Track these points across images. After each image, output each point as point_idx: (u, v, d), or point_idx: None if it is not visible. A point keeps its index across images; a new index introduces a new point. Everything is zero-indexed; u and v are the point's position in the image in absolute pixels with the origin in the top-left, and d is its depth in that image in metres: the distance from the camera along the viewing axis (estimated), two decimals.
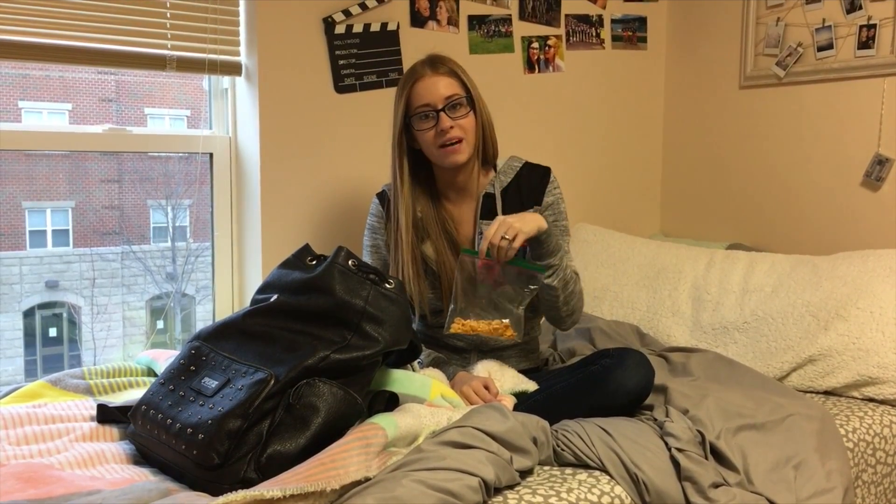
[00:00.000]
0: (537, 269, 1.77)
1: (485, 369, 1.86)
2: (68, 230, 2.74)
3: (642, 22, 3.02)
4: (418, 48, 2.02)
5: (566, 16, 2.84)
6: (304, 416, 1.40)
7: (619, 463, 1.53)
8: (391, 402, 1.61)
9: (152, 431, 1.46)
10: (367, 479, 1.32)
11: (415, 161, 1.93)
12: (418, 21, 2.53)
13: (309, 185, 2.39)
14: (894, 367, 2.00)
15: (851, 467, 1.78)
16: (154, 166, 2.75)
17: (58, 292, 2.72)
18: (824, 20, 2.56)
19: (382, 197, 2.02)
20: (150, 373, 1.97)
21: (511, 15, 2.72)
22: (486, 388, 1.76)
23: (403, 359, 1.72)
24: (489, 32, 2.68)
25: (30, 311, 2.69)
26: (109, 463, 1.48)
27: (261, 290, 1.68)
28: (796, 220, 2.70)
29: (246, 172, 2.38)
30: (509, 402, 1.73)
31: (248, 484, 1.32)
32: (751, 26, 2.77)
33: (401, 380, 1.67)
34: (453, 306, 1.78)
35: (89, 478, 1.38)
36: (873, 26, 2.43)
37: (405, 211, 1.91)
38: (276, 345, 1.51)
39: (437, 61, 1.89)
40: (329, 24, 2.37)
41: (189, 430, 1.39)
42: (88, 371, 1.90)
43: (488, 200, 1.95)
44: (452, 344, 1.98)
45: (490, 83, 1.95)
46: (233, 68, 2.31)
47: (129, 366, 1.99)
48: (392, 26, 2.47)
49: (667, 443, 1.60)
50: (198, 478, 1.38)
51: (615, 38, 2.97)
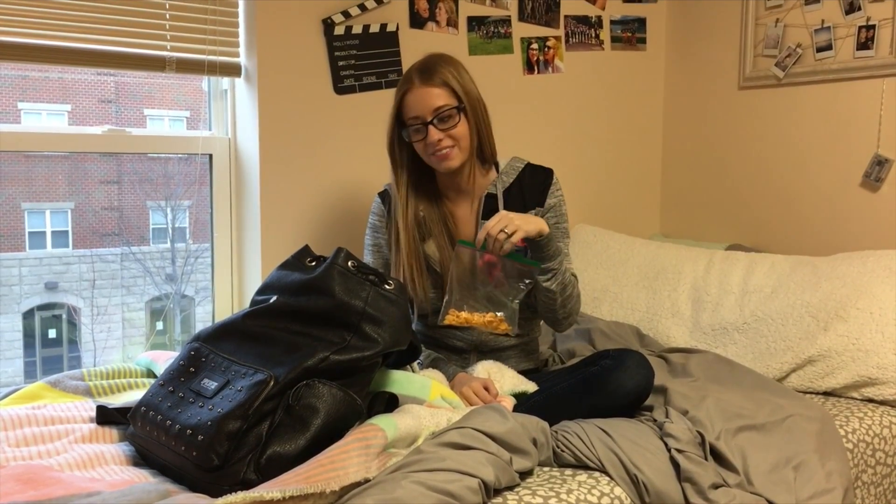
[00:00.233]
0: (533, 264, 1.78)
1: (484, 370, 1.86)
2: (68, 231, 2.74)
3: (641, 23, 3.02)
4: (418, 49, 2.02)
5: (565, 17, 2.84)
6: (304, 418, 1.40)
7: (618, 464, 1.53)
8: (391, 403, 1.61)
9: (152, 433, 1.46)
10: (367, 481, 1.32)
11: (416, 161, 1.93)
12: (417, 22, 2.53)
13: (308, 186, 2.40)
14: (894, 368, 2.00)
15: (851, 468, 1.78)
16: (153, 167, 2.75)
17: (57, 294, 2.72)
18: (823, 21, 2.56)
19: (385, 196, 2.02)
20: (150, 374, 1.96)
21: (510, 16, 2.72)
22: (486, 389, 1.76)
23: (403, 360, 1.72)
24: (488, 33, 2.68)
25: (29, 313, 2.69)
26: (109, 464, 1.48)
27: (260, 292, 1.67)
28: (796, 220, 2.70)
29: (245, 174, 2.38)
30: (509, 403, 1.73)
31: (247, 485, 1.32)
32: (750, 27, 2.77)
33: (400, 381, 1.67)
34: (448, 298, 1.78)
35: (89, 479, 1.38)
36: (872, 27, 2.43)
37: (403, 211, 1.92)
38: (276, 346, 1.51)
39: (427, 70, 1.85)
40: (328, 25, 2.37)
41: (188, 431, 1.39)
42: (88, 372, 1.90)
43: (490, 200, 1.95)
44: (452, 344, 1.98)
45: (489, 84, 1.95)
46: (232, 69, 2.31)
47: (129, 367, 1.99)
48: (391, 27, 2.47)
49: (666, 444, 1.61)
50: (197, 479, 1.38)
51: (614, 39, 2.98)
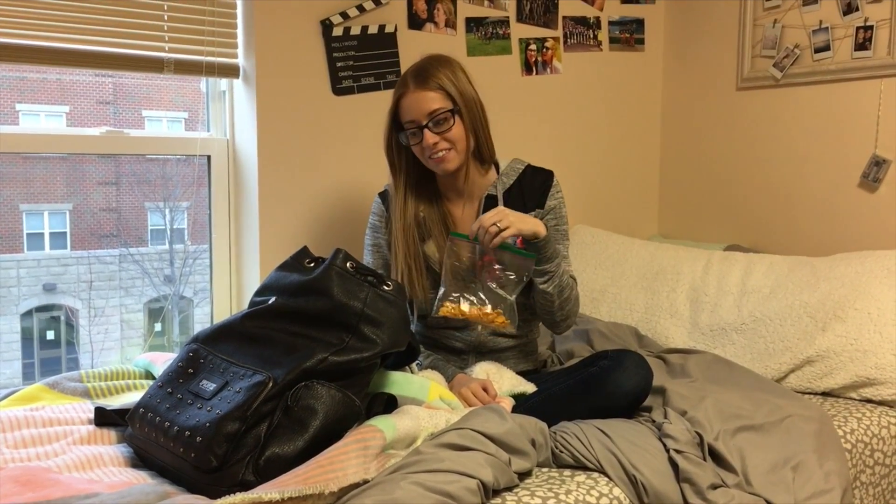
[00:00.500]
0: (528, 255, 1.78)
1: (483, 371, 1.86)
2: (66, 233, 2.74)
3: (640, 24, 3.03)
4: (416, 50, 2.02)
5: (564, 18, 2.84)
6: (303, 419, 1.40)
7: (617, 464, 1.53)
8: (389, 404, 1.61)
9: (150, 434, 1.46)
10: (366, 482, 1.32)
11: (416, 163, 1.93)
12: (416, 23, 2.53)
13: (307, 187, 2.39)
14: (892, 368, 2.00)
15: (850, 468, 1.78)
16: (152, 169, 2.75)
17: (55, 295, 2.72)
18: (821, 22, 2.56)
19: (385, 196, 2.02)
20: (148, 375, 1.96)
21: (509, 17, 2.72)
22: (485, 390, 1.76)
23: (402, 361, 1.72)
24: (487, 34, 2.68)
25: (27, 314, 2.69)
26: (107, 466, 1.48)
27: (259, 293, 1.67)
28: (794, 221, 2.70)
29: (244, 175, 2.38)
30: (508, 403, 1.73)
31: (246, 486, 1.32)
32: (748, 28, 2.77)
33: (399, 382, 1.67)
34: (443, 290, 1.78)
35: (87, 481, 1.38)
36: (870, 28, 2.43)
37: (401, 212, 1.93)
38: (275, 347, 1.51)
39: (422, 73, 1.85)
40: (326, 26, 2.37)
41: (187, 432, 1.39)
42: (86, 374, 1.90)
43: (491, 202, 1.95)
44: (451, 345, 1.98)
45: (488, 85, 1.95)
46: (230, 71, 2.31)
47: (127, 368, 1.99)
48: (390, 28, 2.47)
49: (665, 444, 1.60)
50: (196, 481, 1.38)
51: (612, 40, 2.98)
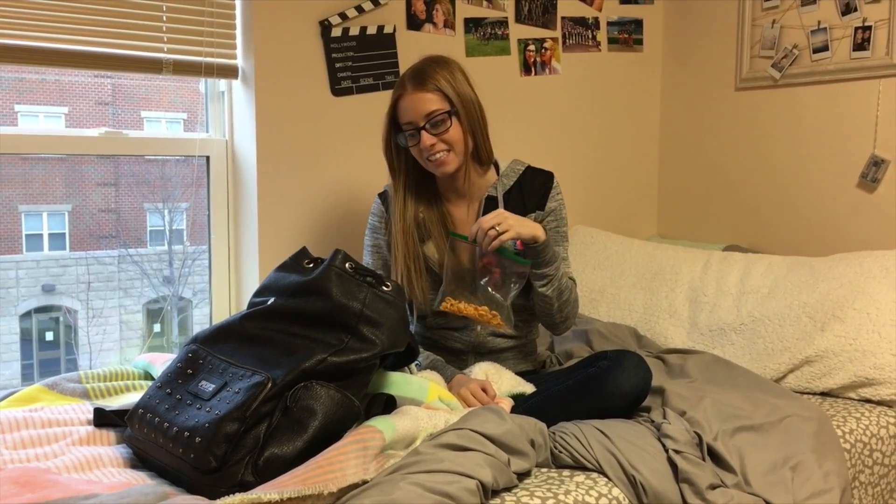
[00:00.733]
0: (524, 263, 1.79)
1: (482, 371, 1.86)
2: (65, 234, 2.74)
3: (638, 24, 3.03)
4: (415, 51, 2.02)
5: (562, 18, 2.85)
6: (302, 420, 1.40)
7: (616, 465, 1.53)
8: (389, 404, 1.61)
9: (149, 435, 1.46)
10: (365, 482, 1.32)
11: (415, 164, 1.93)
12: (414, 24, 2.53)
13: (305, 188, 2.39)
14: (891, 368, 2.00)
15: (848, 468, 1.79)
16: (151, 170, 2.75)
17: (54, 296, 2.72)
18: (819, 22, 2.56)
19: (384, 196, 2.02)
20: (147, 376, 1.96)
21: (507, 17, 2.72)
22: (484, 390, 1.76)
23: (401, 361, 1.72)
24: (485, 35, 2.68)
25: (26, 315, 2.69)
26: (106, 467, 1.48)
27: (258, 294, 1.67)
28: (793, 221, 2.70)
29: (243, 175, 2.38)
30: (507, 404, 1.73)
31: (245, 487, 1.32)
32: (746, 28, 2.77)
33: (398, 382, 1.67)
34: (444, 287, 1.81)
35: (86, 482, 1.38)
36: (868, 28, 2.44)
37: (400, 213, 1.93)
38: (274, 348, 1.51)
39: (420, 75, 1.85)
40: (325, 27, 2.37)
41: (186, 433, 1.39)
42: (85, 375, 1.90)
43: (491, 203, 1.96)
44: (450, 346, 1.98)
45: (486, 86, 1.95)
46: (229, 71, 2.31)
47: (126, 369, 1.99)
48: (388, 29, 2.47)
49: (664, 444, 1.61)
50: (195, 481, 1.38)
51: (611, 41, 2.98)
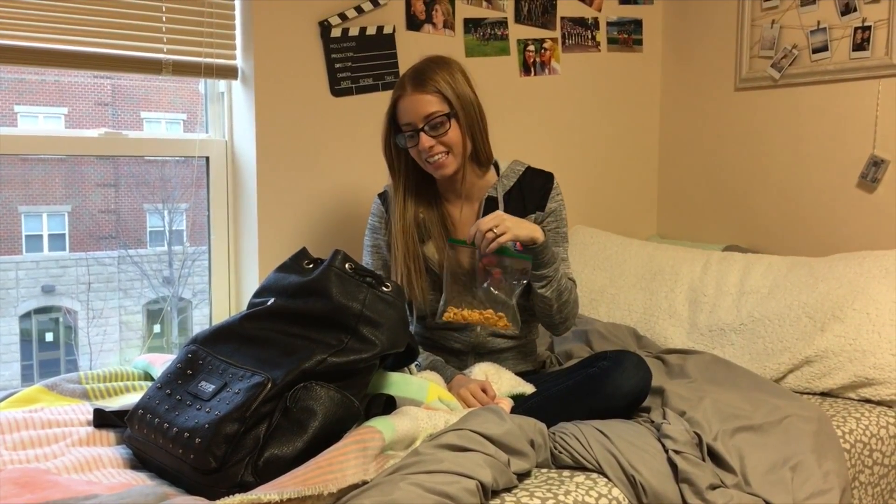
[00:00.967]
0: (525, 258, 1.78)
1: (482, 372, 1.86)
2: (64, 234, 2.74)
3: (638, 24, 3.03)
4: (414, 51, 2.02)
5: (562, 18, 2.85)
6: (302, 420, 1.40)
7: (616, 465, 1.53)
8: (388, 405, 1.61)
9: (149, 436, 1.46)
10: (365, 483, 1.32)
11: (415, 165, 1.93)
12: (414, 24, 2.53)
13: (305, 189, 2.40)
14: (890, 369, 2.00)
15: (848, 468, 1.79)
16: (150, 170, 2.75)
17: (54, 297, 2.72)
18: (819, 22, 2.56)
19: (384, 197, 2.02)
20: (147, 377, 1.96)
21: (507, 18, 2.72)
22: (484, 391, 1.76)
23: (401, 362, 1.72)
24: (485, 35, 2.69)
25: (26, 316, 2.68)
26: (106, 467, 1.48)
27: (257, 294, 1.67)
28: (792, 221, 2.70)
29: (242, 176, 2.38)
30: (507, 404, 1.73)
31: (245, 488, 1.32)
32: (746, 28, 2.77)
33: (398, 383, 1.67)
34: (445, 296, 1.80)
35: (86, 482, 1.38)
36: (868, 28, 2.44)
37: (400, 213, 1.93)
38: (273, 348, 1.51)
39: (420, 76, 1.84)
40: (325, 27, 2.37)
41: (186, 434, 1.39)
42: (85, 375, 1.90)
43: (491, 204, 1.96)
44: (450, 346, 1.98)
45: (486, 86, 1.95)
46: (229, 72, 2.31)
47: (126, 370, 1.99)
48: (388, 30, 2.47)
49: (664, 445, 1.61)
50: (195, 482, 1.38)
51: (611, 41, 2.98)
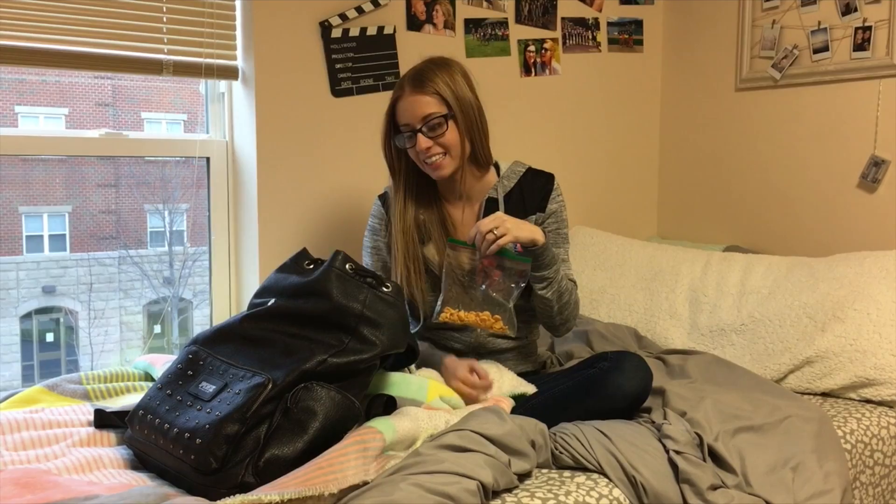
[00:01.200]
0: (524, 260, 1.78)
1: (483, 371, 1.85)
2: (65, 235, 2.74)
3: (638, 25, 3.03)
4: (415, 52, 2.02)
5: (562, 19, 2.85)
6: (302, 421, 1.40)
7: (617, 466, 1.53)
8: (389, 405, 1.61)
9: (150, 436, 1.46)
10: (365, 483, 1.32)
11: (415, 165, 1.93)
12: (415, 25, 2.53)
13: (306, 189, 2.40)
14: (891, 369, 2.00)
15: (849, 469, 1.78)
16: (151, 171, 2.75)
17: (55, 297, 2.72)
18: (820, 22, 2.56)
19: (384, 198, 2.02)
20: (148, 377, 1.96)
21: (507, 18, 2.72)
22: (473, 370, 1.78)
23: (401, 362, 1.72)
24: (486, 36, 2.69)
25: (27, 317, 2.69)
26: (107, 468, 1.48)
27: (258, 295, 1.67)
28: (793, 222, 2.70)
29: (243, 176, 2.38)
30: (507, 404, 1.73)
31: (245, 488, 1.32)
32: (746, 29, 2.77)
33: (398, 383, 1.67)
34: (442, 296, 1.79)
35: (87, 483, 1.38)
36: (868, 28, 2.44)
37: (400, 214, 1.93)
38: (274, 349, 1.51)
39: (419, 77, 1.84)
40: (325, 27, 2.37)
41: (187, 434, 1.39)
42: (86, 376, 1.90)
43: (491, 204, 1.96)
44: (450, 346, 1.98)
45: (486, 86, 1.95)
46: (229, 72, 2.31)
47: (127, 371, 1.99)
48: (388, 30, 2.47)
49: (665, 445, 1.60)
50: (195, 482, 1.38)
51: (611, 41, 2.98)
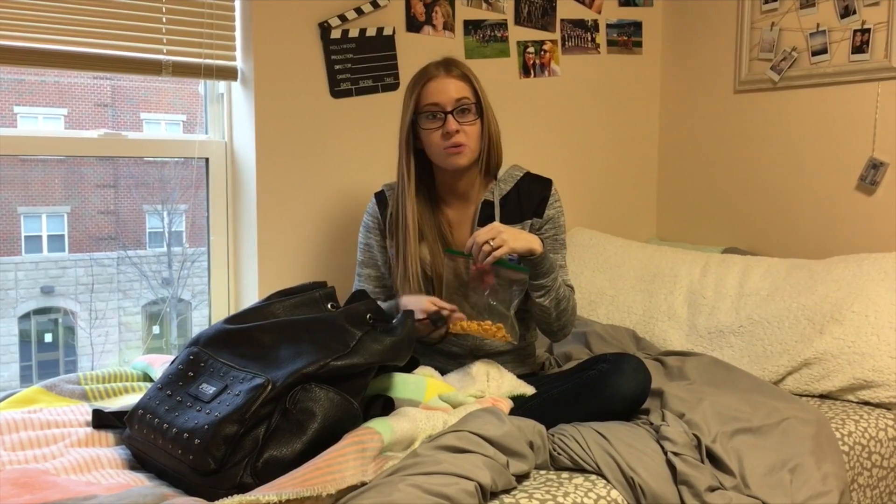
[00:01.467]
0: (522, 270, 1.78)
1: (482, 370, 1.85)
2: (64, 235, 2.74)
3: (637, 26, 3.03)
4: (414, 53, 2.03)
5: (561, 20, 2.85)
6: (301, 422, 1.40)
7: (615, 467, 1.53)
8: (387, 406, 1.61)
9: (149, 436, 1.46)
10: (363, 484, 1.32)
11: (418, 163, 1.93)
12: (414, 26, 2.53)
13: (305, 190, 2.40)
14: (889, 371, 2.00)
15: (847, 471, 1.79)
16: (150, 171, 2.75)
17: (53, 298, 2.72)
18: (818, 25, 2.56)
19: (381, 197, 2.01)
20: (146, 378, 1.96)
21: (507, 20, 2.72)
22: (435, 304, 1.78)
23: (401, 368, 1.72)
24: (485, 37, 2.69)
25: (25, 317, 2.68)
26: (105, 468, 1.48)
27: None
28: (791, 224, 2.70)
29: (242, 177, 2.38)
30: (506, 405, 1.73)
31: (244, 489, 1.32)
32: (745, 31, 2.78)
33: (396, 383, 1.67)
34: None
35: (85, 483, 1.38)
36: (867, 31, 2.44)
37: (412, 210, 1.90)
38: (275, 351, 1.51)
39: (451, 64, 1.90)
40: (325, 28, 2.38)
41: (185, 434, 1.39)
42: (84, 376, 1.90)
43: (487, 208, 1.95)
44: (448, 350, 1.98)
45: (486, 88, 1.95)
46: (229, 73, 2.31)
47: (125, 371, 1.99)
48: (388, 31, 2.47)
49: (663, 447, 1.61)
50: (194, 483, 1.38)
51: (610, 43, 2.98)
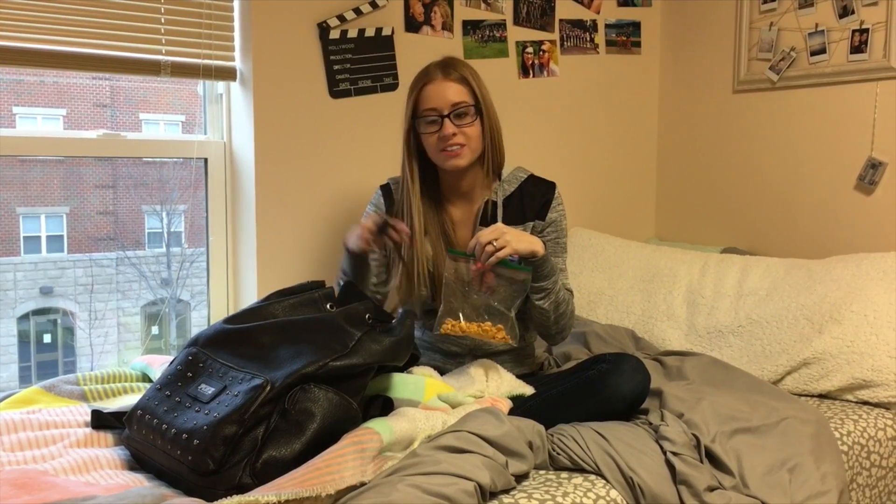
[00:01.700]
0: (524, 269, 1.78)
1: (482, 369, 1.84)
2: (63, 236, 2.74)
3: (636, 26, 3.03)
4: (413, 53, 2.03)
5: (560, 21, 2.85)
6: (300, 422, 1.40)
7: (614, 467, 1.53)
8: (386, 406, 1.61)
9: (148, 436, 1.46)
10: (363, 484, 1.32)
11: (421, 162, 1.93)
12: (413, 26, 2.53)
13: (304, 190, 2.40)
14: (888, 371, 2.00)
15: (846, 470, 1.79)
16: (149, 172, 2.74)
17: (52, 298, 2.71)
18: (817, 25, 2.57)
19: (386, 190, 2.02)
20: (145, 378, 1.96)
21: (505, 20, 2.72)
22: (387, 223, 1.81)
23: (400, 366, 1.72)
24: (484, 37, 2.69)
25: (24, 318, 2.68)
26: (104, 469, 1.48)
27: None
28: (790, 223, 2.70)
29: (241, 177, 2.38)
30: (505, 405, 1.73)
31: (243, 489, 1.32)
32: (744, 31, 2.78)
33: (395, 384, 1.67)
34: (443, 307, 1.79)
35: (84, 484, 1.38)
36: (866, 31, 2.44)
37: (418, 210, 1.91)
38: (274, 351, 1.51)
39: (449, 66, 1.89)
40: (324, 29, 2.38)
41: (184, 435, 1.39)
42: (83, 377, 1.90)
43: (490, 208, 1.95)
44: (448, 349, 1.98)
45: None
46: (227, 73, 2.31)
47: (124, 372, 1.99)
48: (387, 31, 2.47)
49: (662, 447, 1.61)
50: (193, 483, 1.38)
51: (609, 43, 2.98)
